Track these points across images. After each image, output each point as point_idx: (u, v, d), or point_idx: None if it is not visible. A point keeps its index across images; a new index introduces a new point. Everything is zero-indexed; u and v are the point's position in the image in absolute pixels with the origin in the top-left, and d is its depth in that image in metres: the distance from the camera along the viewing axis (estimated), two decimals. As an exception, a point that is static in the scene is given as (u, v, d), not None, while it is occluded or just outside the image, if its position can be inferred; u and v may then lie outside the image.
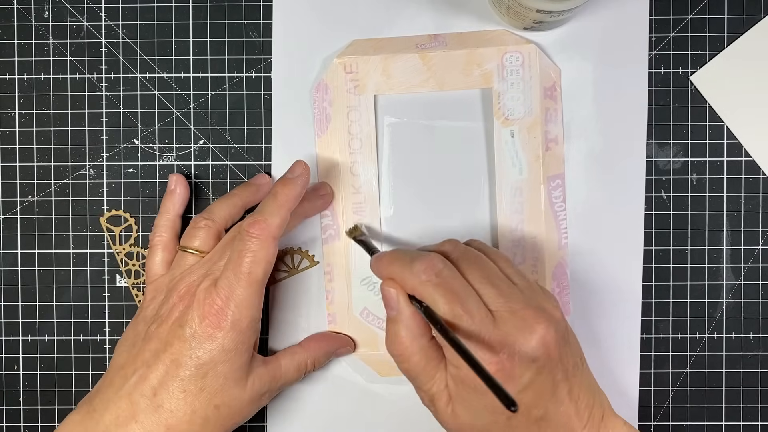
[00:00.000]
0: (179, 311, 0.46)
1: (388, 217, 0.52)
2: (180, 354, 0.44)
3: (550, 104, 0.51)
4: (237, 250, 0.45)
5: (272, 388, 0.48)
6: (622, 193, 0.52)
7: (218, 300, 0.44)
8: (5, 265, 0.53)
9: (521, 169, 0.51)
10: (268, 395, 0.48)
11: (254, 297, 0.45)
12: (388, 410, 0.53)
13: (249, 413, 0.47)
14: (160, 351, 0.45)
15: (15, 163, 0.53)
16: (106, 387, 0.46)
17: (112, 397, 0.45)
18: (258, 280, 0.45)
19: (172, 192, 0.51)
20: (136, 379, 0.45)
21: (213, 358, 0.44)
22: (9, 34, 0.53)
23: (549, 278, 0.51)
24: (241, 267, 0.44)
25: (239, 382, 0.45)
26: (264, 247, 0.45)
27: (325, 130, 0.52)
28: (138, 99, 0.53)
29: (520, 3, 0.46)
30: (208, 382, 0.44)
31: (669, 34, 0.52)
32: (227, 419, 0.46)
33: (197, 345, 0.44)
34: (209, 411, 0.45)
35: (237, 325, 0.44)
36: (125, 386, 0.45)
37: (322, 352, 0.51)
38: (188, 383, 0.44)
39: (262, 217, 0.45)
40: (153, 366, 0.45)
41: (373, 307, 0.52)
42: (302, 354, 0.50)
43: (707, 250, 0.53)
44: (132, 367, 0.45)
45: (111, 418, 0.44)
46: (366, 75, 0.52)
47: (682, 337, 0.53)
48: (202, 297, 0.45)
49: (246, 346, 0.45)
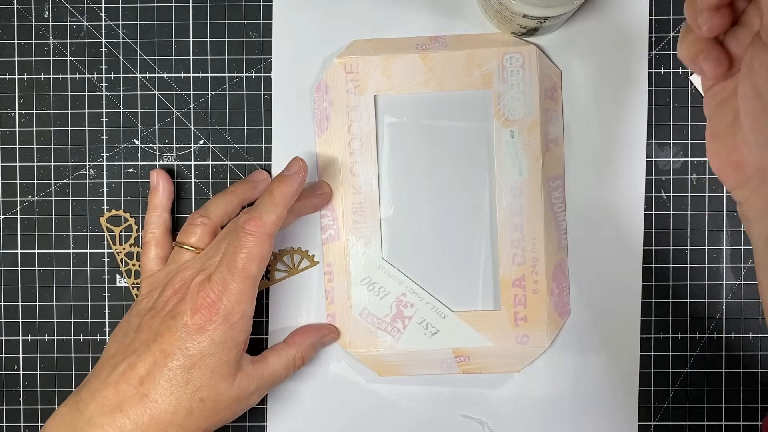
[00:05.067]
0: (173, 304, 0.46)
1: (388, 217, 0.53)
2: (169, 345, 0.45)
3: (551, 105, 0.51)
4: (232, 246, 0.45)
5: (261, 387, 0.48)
6: (622, 193, 0.52)
7: (211, 293, 0.45)
8: (5, 265, 0.53)
9: (521, 169, 0.51)
10: (257, 394, 0.48)
11: (247, 292, 0.45)
12: (388, 410, 0.53)
13: (235, 411, 0.47)
14: (151, 341, 0.45)
15: (15, 163, 0.53)
16: (94, 377, 0.46)
17: (99, 386, 0.45)
18: (252, 276, 0.45)
19: (155, 188, 0.51)
20: (125, 367, 0.45)
21: (202, 350, 0.44)
22: (9, 34, 0.53)
23: (549, 279, 0.51)
24: (236, 263, 0.44)
25: (227, 378, 0.46)
26: (259, 244, 0.45)
27: (325, 130, 0.52)
28: (138, 99, 0.53)
29: (508, 8, 0.46)
30: (195, 374, 0.45)
31: (669, 34, 0.52)
32: (212, 414, 0.46)
33: (187, 336, 0.44)
34: (194, 404, 0.45)
35: (228, 318, 0.45)
36: (113, 375, 0.45)
37: (308, 345, 0.51)
38: (175, 374, 0.44)
39: (258, 214, 0.45)
40: (142, 355, 0.45)
41: (372, 307, 0.52)
42: (289, 350, 0.50)
43: (707, 250, 0.53)
44: (122, 356, 0.46)
45: (96, 406, 0.45)
46: (366, 75, 0.52)
47: (682, 337, 0.53)
48: (196, 290, 0.45)
49: (235, 342, 0.45)
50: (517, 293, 0.51)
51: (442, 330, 0.52)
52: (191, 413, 0.45)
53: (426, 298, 0.52)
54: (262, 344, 0.53)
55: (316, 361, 0.53)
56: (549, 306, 0.51)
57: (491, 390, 0.53)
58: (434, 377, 0.53)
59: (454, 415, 0.53)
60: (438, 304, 0.52)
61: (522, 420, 0.53)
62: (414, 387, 0.53)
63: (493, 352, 0.52)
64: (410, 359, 0.52)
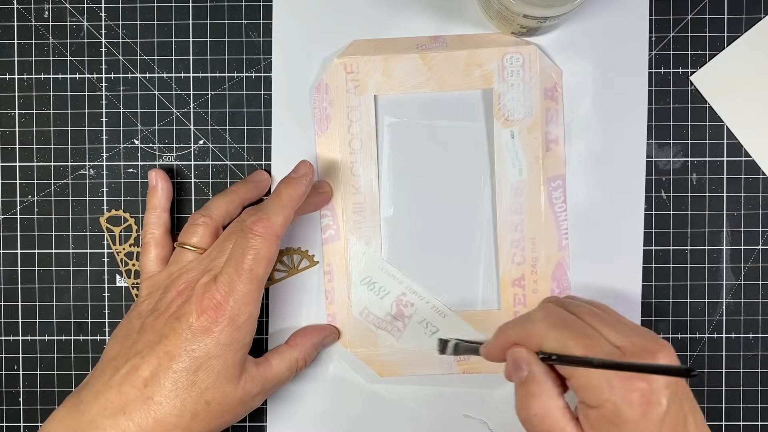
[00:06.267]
0: (177, 305, 0.46)
1: (388, 217, 0.53)
2: (174, 346, 0.44)
3: (551, 105, 0.51)
4: (240, 247, 0.45)
5: (265, 389, 0.48)
6: (622, 193, 0.52)
7: (218, 294, 0.44)
8: (5, 265, 0.53)
9: (521, 169, 0.51)
10: (261, 396, 0.48)
11: (254, 293, 0.45)
12: (389, 410, 0.53)
13: (240, 413, 0.47)
14: (155, 343, 0.45)
15: (15, 163, 0.53)
16: (95, 379, 0.45)
17: (101, 388, 0.45)
18: (259, 277, 0.45)
19: (154, 188, 0.51)
20: (128, 369, 0.45)
21: (207, 352, 0.44)
22: (9, 34, 0.53)
23: (549, 279, 0.51)
24: (243, 264, 0.44)
25: (232, 380, 0.45)
26: (267, 245, 0.45)
27: (325, 130, 0.52)
28: (138, 99, 0.53)
29: (508, 8, 0.46)
30: (201, 376, 0.44)
31: (669, 34, 0.52)
32: (217, 416, 0.45)
33: (193, 338, 0.44)
34: (199, 406, 0.45)
35: (235, 320, 0.44)
36: (115, 377, 0.45)
37: (310, 346, 0.51)
38: (180, 376, 0.44)
39: (266, 215, 0.45)
40: (146, 357, 0.44)
41: (372, 307, 0.52)
42: (291, 352, 0.50)
43: (707, 250, 0.53)
44: (124, 358, 0.45)
45: (98, 409, 0.44)
46: (366, 75, 0.52)
47: (682, 337, 0.53)
48: (201, 291, 0.45)
49: (241, 344, 0.45)
50: (517, 293, 0.51)
51: (442, 329, 0.52)
52: (196, 416, 0.45)
53: (426, 298, 0.52)
54: (262, 344, 0.53)
55: (316, 362, 0.53)
56: (549, 306, 0.51)
57: (492, 390, 0.53)
58: (434, 377, 0.53)
59: (455, 415, 0.53)
60: (438, 304, 0.52)
61: (522, 420, 0.53)
62: (414, 387, 0.53)
63: (494, 352, 0.52)
64: (410, 358, 0.52)
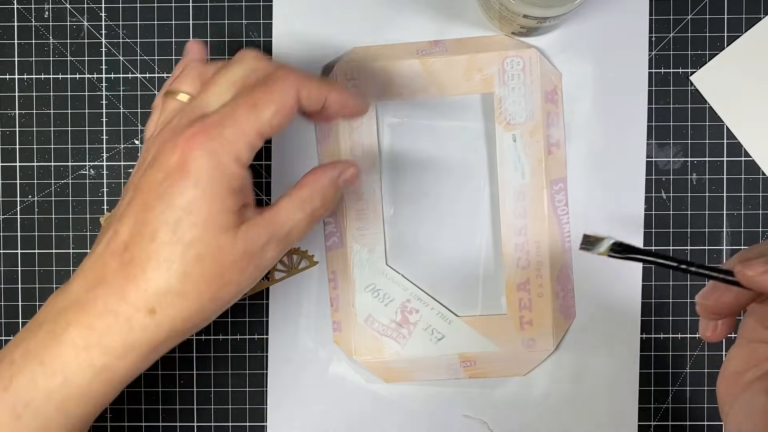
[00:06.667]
0: (155, 150, 0.40)
1: (388, 217, 0.53)
2: (148, 195, 0.38)
3: (552, 108, 0.51)
4: (249, 88, 0.40)
5: (275, 237, 0.40)
6: (622, 193, 0.52)
7: (207, 120, 0.38)
8: (5, 265, 0.53)
9: (524, 173, 0.51)
10: (272, 248, 0.41)
11: (251, 131, 0.38)
12: (389, 410, 0.53)
13: (245, 270, 0.40)
14: (132, 199, 0.39)
15: (15, 163, 0.53)
16: (84, 260, 0.41)
17: (86, 263, 0.40)
18: (262, 120, 0.39)
19: (187, 51, 0.46)
20: (110, 235, 0.39)
21: (185, 196, 0.38)
22: (9, 34, 0.53)
23: (553, 282, 0.51)
24: (251, 97, 0.39)
25: (226, 230, 0.39)
26: (283, 96, 0.39)
27: (326, 138, 0.52)
28: (138, 99, 0.53)
29: (508, 8, 0.46)
30: (183, 228, 0.38)
31: (669, 34, 0.52)
32: (215, 276, 0.39)
33: (168, 182, 0.38)
34: (189, 264, 0.38)
35: (215, 154, 0.38)
36: (97, 249, 0.40)
37: (326, 182, 0.43)
38: (159, 230, 0.38)
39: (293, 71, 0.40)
40: (124, 218, 0.39)
41: (377, 314, 0.52)
42: (301, 191, 0.42)
43: (707, 250, 0.53)
44: (109, 227, 0.40)
45: (81, 283, 0.39)
46: (366, 82, 0.51)
47: (682, 337, 0.53)
48: (183, 122, 0.39)
49: (227, 187, 0.38)
50: (522, 297, 0.51)
51: (447, 335, 0.52)
52: (187, 276, 0.38)
53: (431, 304, 0.52)
54: (263, 344, 0.53)
55: (316, 362, 0.53)
56: (554, 309, 0.51)
57: (492, 390, 0.53)
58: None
59: (455, 416, 0.53)
60: (443, 310, 0.52)
61: (523, 420, 0.53)
62: (415, 387, 0.53)
63: (500, 356, 0.52)
64: (416, 365, 0.52)
